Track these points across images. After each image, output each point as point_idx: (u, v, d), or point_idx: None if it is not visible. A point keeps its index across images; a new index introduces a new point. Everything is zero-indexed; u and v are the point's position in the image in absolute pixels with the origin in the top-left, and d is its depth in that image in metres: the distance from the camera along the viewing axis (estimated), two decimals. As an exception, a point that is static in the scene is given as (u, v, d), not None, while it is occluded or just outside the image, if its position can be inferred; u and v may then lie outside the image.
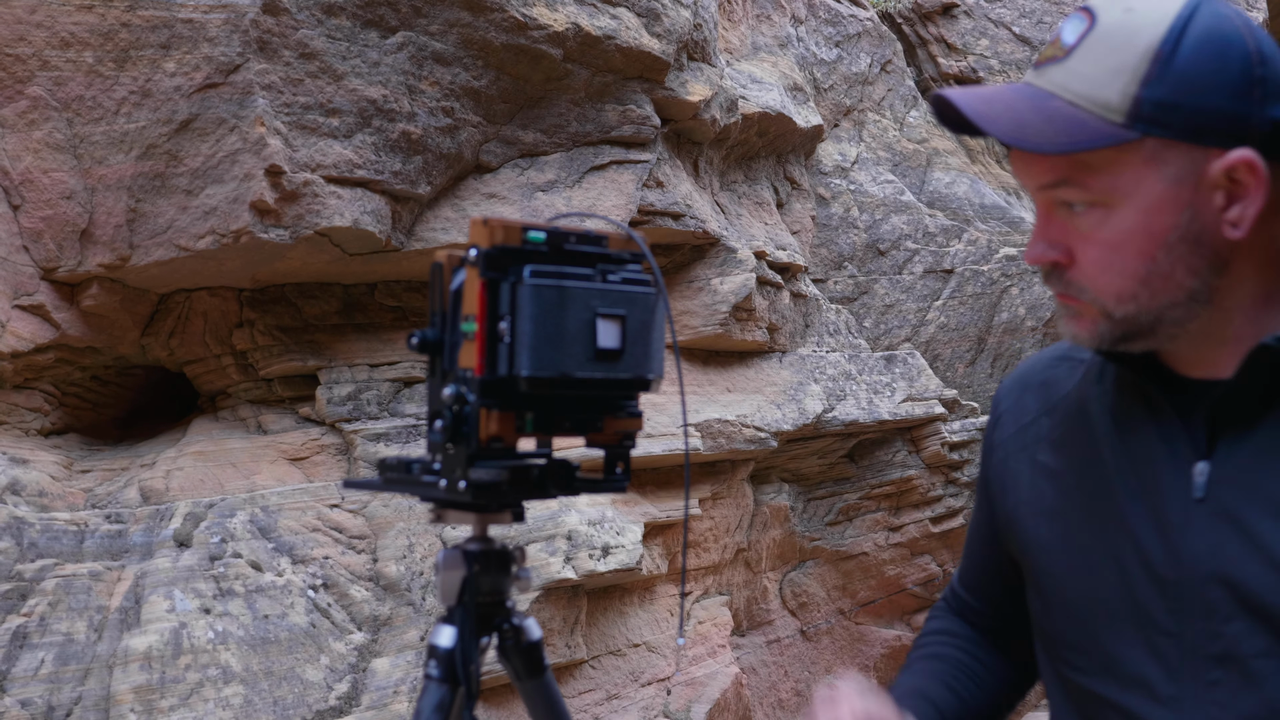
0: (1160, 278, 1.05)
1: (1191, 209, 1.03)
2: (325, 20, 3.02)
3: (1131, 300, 1.07)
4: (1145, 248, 1.05)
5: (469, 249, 1.14)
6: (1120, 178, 1.04)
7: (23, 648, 2.66)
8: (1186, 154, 1.02)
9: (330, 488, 3.25)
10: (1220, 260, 1.05)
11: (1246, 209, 1.02)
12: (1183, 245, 1.04)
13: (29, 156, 2.97)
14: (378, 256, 3.32)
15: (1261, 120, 1.01)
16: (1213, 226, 1.04)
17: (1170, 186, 1.03)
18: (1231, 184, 1.02)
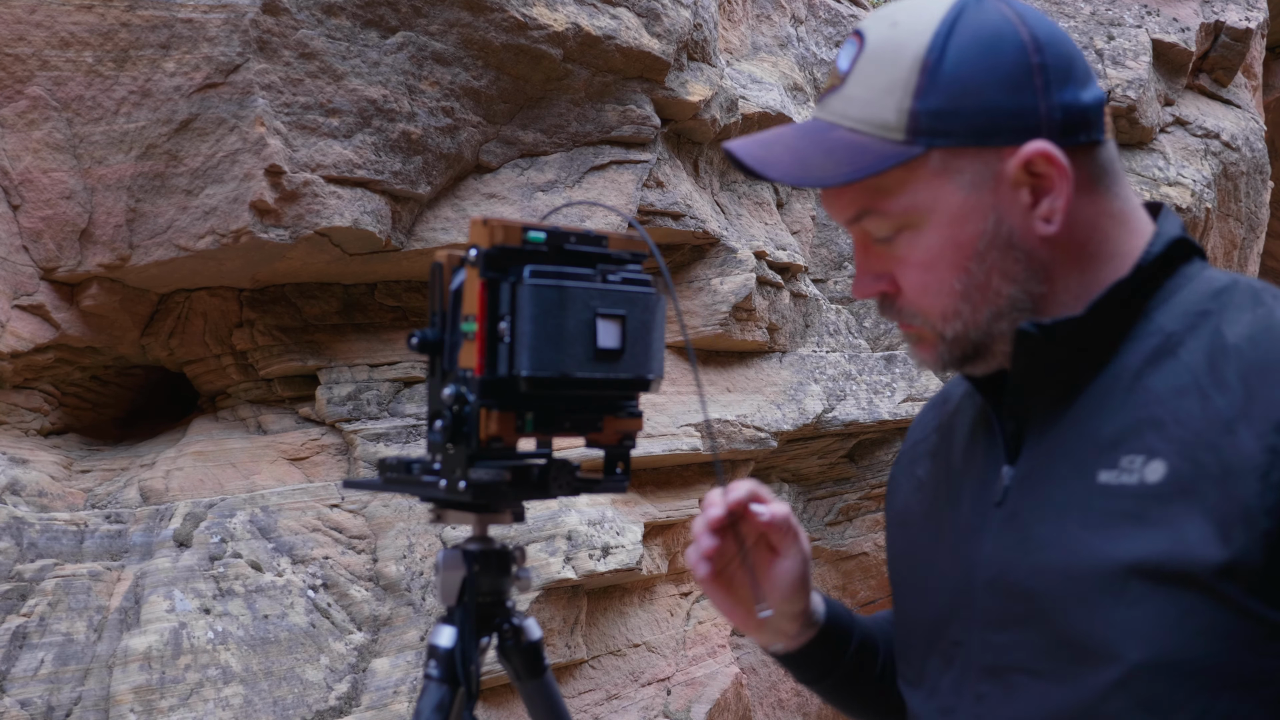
0: (978, 290, 1.01)
1: (996, 212, 0.99)
2: (325, 20, 3.02)
3: (956, 317, 1.02)
4: (957, 261, 1.01)
5: (469, 249, 1.14)
6: (916, 196, 1.00)
7: (22, 648, 2.66)
8: (977, 158, 0.98)
9: (330, 488, 3.25)
10: (1038, 262, 1.00)
11: (1055, 201, 0.98)
12: (994, 252, 1.00)
13: (29, 156, 2.97)
14: (378, 256, 3.32)
15: (1051, 108, 0.97)
16: (1023, 227, 1.00)
17: (969, 194, 0.99)
18: (1034, 179, 0.98)
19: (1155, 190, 5.80)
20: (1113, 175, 1.02)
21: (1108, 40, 5.85)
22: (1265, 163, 6.74)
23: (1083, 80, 0.99)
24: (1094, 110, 0.99)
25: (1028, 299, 1.01)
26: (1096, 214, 1.01)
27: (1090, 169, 1.00)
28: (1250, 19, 6.50)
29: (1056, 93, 0.97)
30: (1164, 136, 6.10)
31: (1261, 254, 7.30)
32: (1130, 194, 1.04)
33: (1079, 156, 0.99)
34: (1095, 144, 1.00)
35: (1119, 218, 1.02)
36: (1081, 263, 1.01)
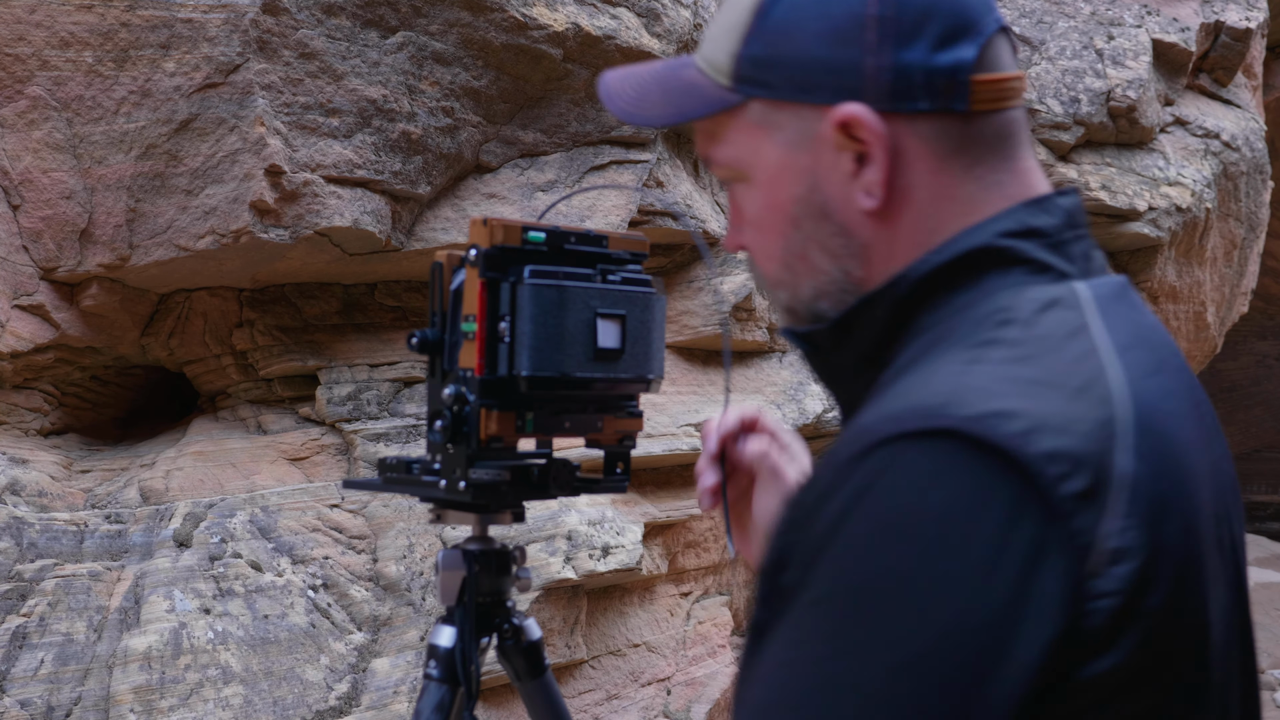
0: (798, 259, 0.91)
1: (812, 177, 0.88)
2: (325, 20, 3.02)
3: (781, 286, 0.94)
4: (777, 224, 0.91)
5: (469, 249, 1.14)
6: (741, 148, 0.91)
7: (22, 648, 2.66)
8: (798, 115, 0.88)
9: (330, 488, 3.25)
10: (856, 240, 0.88)
11: (872, 173, 0.86)
12: (809, 220, 0.89)
13: (29, 156, 2.97)
14: (378, 256, 3.32)
15: (880, 67, 0.85)
16: (842, 197, 0.88)
17: (786, 153, 0.89)
18: (858, 144, 0.86)
19: (1155, 190, 5.80)
20: (979, 154, 0.87)
21: (1108, 40, 5.85)
22: (1265, 163, 6.73)
23: (942, 39, 0.85)
24: (947, 75, 0.85)
25: (847, 280, 0.89)
26: (937, 196, 0.86)
27: (941, 142, 0.86)
28: (1250, 19, 6.50)
29: (893, 50, 0.84)
30: (1164, 136, 6.10)
31: (1262, 254, 7.30)
32: (1006, 179, 0.88)
33: (923, 126, 0.85)
34: (954, 115, 0.86)
35: (969, 204, 0.87)
36: (906, 249, 0.87)
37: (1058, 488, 0.70)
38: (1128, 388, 0.77)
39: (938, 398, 0.75)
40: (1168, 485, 0.75)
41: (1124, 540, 0.72)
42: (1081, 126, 5.55)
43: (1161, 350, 0.86)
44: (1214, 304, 6.65)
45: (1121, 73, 5.75)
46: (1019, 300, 0.81)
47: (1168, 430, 0.78)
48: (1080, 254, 0.87)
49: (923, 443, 0.72)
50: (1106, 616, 0.71)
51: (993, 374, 0.76)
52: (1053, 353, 0.78)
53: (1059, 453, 0.71)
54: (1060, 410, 0.74)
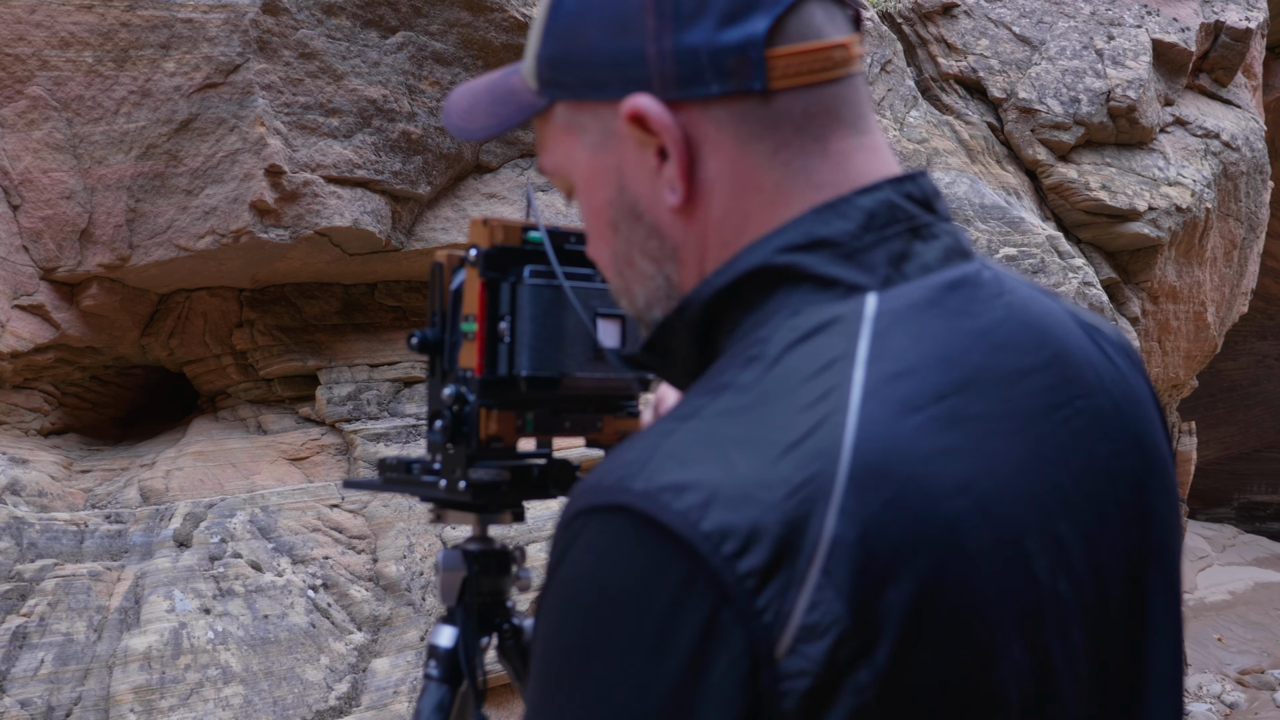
0: (625, 264, 0.86)
1: (619, 177, 0.83)
2: (325, 20, 3.02)
3: (620, 294, 0.89)
4: (600, 230, 0.86)
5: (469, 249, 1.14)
6: (556, 154, 0.87)
7: (22, 648, 2.66)
8: (596, 114, 0.83)
9: (330, 488, 3.25)
10: (669, 241, 0.83)
11: (669, 167, 0.80)
12: (624, 223, 0.84)
13: (29, 156, 2.97)
14: (378, 256, 3.32)
15: (662, 54, 0.78)
16: (649, 195, 0.82)
17: (592, 155, 0.84)
18: (655, 137, 0.80)
19: (1155, 190, 5.80)
20: (785, 137, 0.79)
21: (1108, 40, 5.85)
22: (1265, 163, 6.74)
23: (728, 15, 0.77)
24: (737, 52, 0.77)
25: (669, 285, 0.84)
26: (741, 186, 0.80)
27: (741, 127, 0.79)
28: (1250, 19, 6.50)
29: (675, 34, 0.77)
30: (1164, 136, 6.10)
31: (1261, 254, 7.30)
32: (816, 164, 0.80)
33: (719, 112, 0.78)
34: (749, 94, 0.78)
35: (775, 194, 0.79)
36: (714, 247, 0.81)
37: (731, 565, 0.66)
38: (855, 435, 0.69)
39: (626, 468, 0.70)
40: (899, 543, 0.68)
41: (818, 615, 0.66)
42: (1081, 126, 5.55)
43: (980, 362, 0.76)
44: (1214, 304, 6.65)
45: (1121, 73, 5.75)
46: (779, 330, 0.75)
47: (914, 475, 0.70)
48: (885, 259, 0.78)
49: (605, 518, 0.69)
50: (800, 698, 0.66)
51: (695, 433, 0.71)
52: (779, 400, 0.71)
53: (731, 527, 0.66)
54: (748, 476, 0.68)
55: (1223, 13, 6.43)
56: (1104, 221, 5.63)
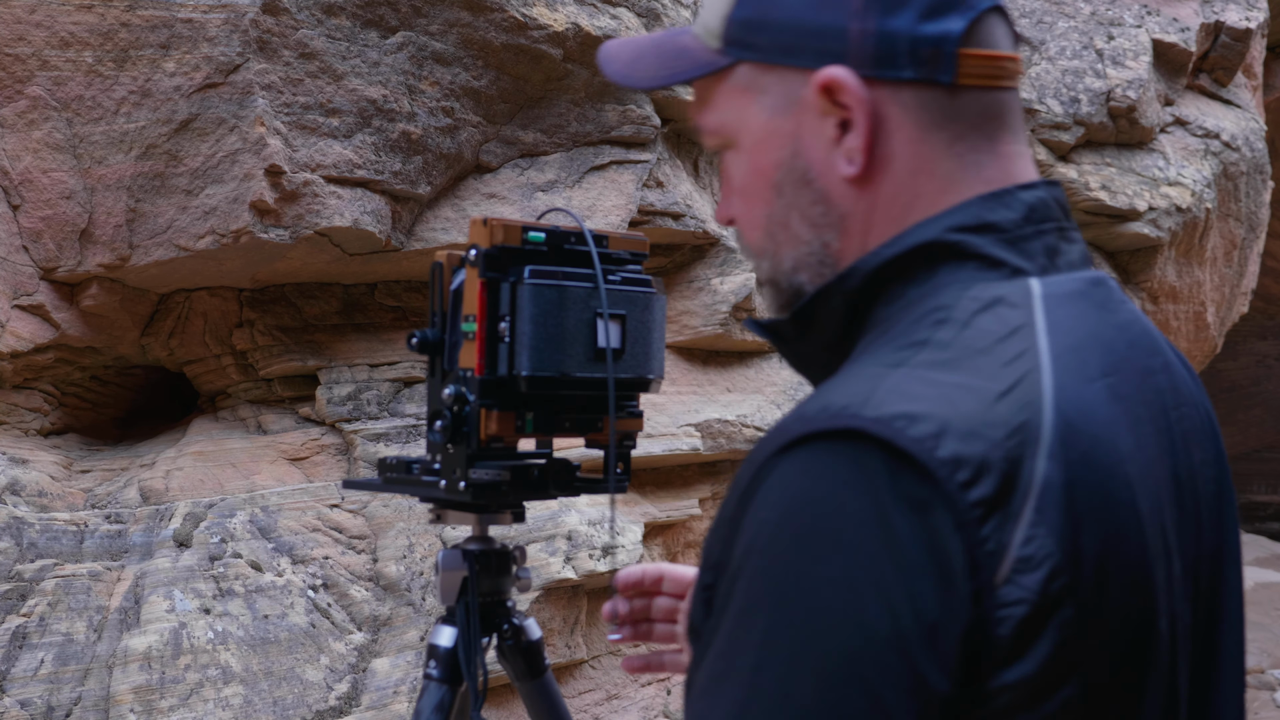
0: (780, 227, 0.90)
1: (795, 142, 0.87)
2: (325, 20, 3.02)
3: (764, 255, 0.92)
4: (761, 191, 0.90)
5: (469, 249, 1.14)
6: (728, 112, 0.91)
7: (22, 648, 2.66)
8: (783, 79, 0.87)
9: (330, 488, 3.25)
10: (835, 210, 0.87)
11: (853, 139, 0.85)
12: (791, 187, 0.88)
13: (29, 156, 2.97)
14: (378, 256, 3.32)
15: (864, 33, 0.83)
16: (823, 163, 0.87)
17: (771, 117, 0.88)
18: (841, 110, 0.85)
19: (1155, 190, 5.80)
20: (961, 131, 0.85)
21: (1108, 40, 5.85)
22: (1265, 163, 6.73)
23: (930, 10, 0.83)
24: (933, 45, 0.83)
25: (825, 252, 0.88)
26: (916, 169, 0.85)
27: (925, 115, 0.85)
28: (1250, 19, 6.50)
29: (879, 16, 0.83)
30: (1164, 136, 6.10)
31: (1261, 254, 7.30)
32: (986, 160, 0.86)
33: (907, 96, 0.84)
34: (940, 87, 0.84)
35: (946, 181, 0.85)
36: (882, 222, 0.86)
37: (964, 493, 0.70)
38: (1054, 392, 0.75)
39: (851, 398, 0.74)
40: (1091, 493, 0.74)
41: (1033, 549, 0.71)
42: (1081, 126, 5.55)
43: (1123, 352, 0.83)
44: (1214, 304, 6.65)
45: (1121, 73, 5.75)
46: (960, 299, 0.81)
47: (1100, 436, 0.76)
48: (1042, 250, 0.85)
49: (832, 443, 0.72)
50: (1015, 625, 0.70)
51: (911, 376, 0.75)
52: (980, 355, 0.77)
53: (964, 458, 0.71)
54: (973, 414, 0.73)
55: (1223, 13, 6.43)
56: (1104, 221, 5.63)
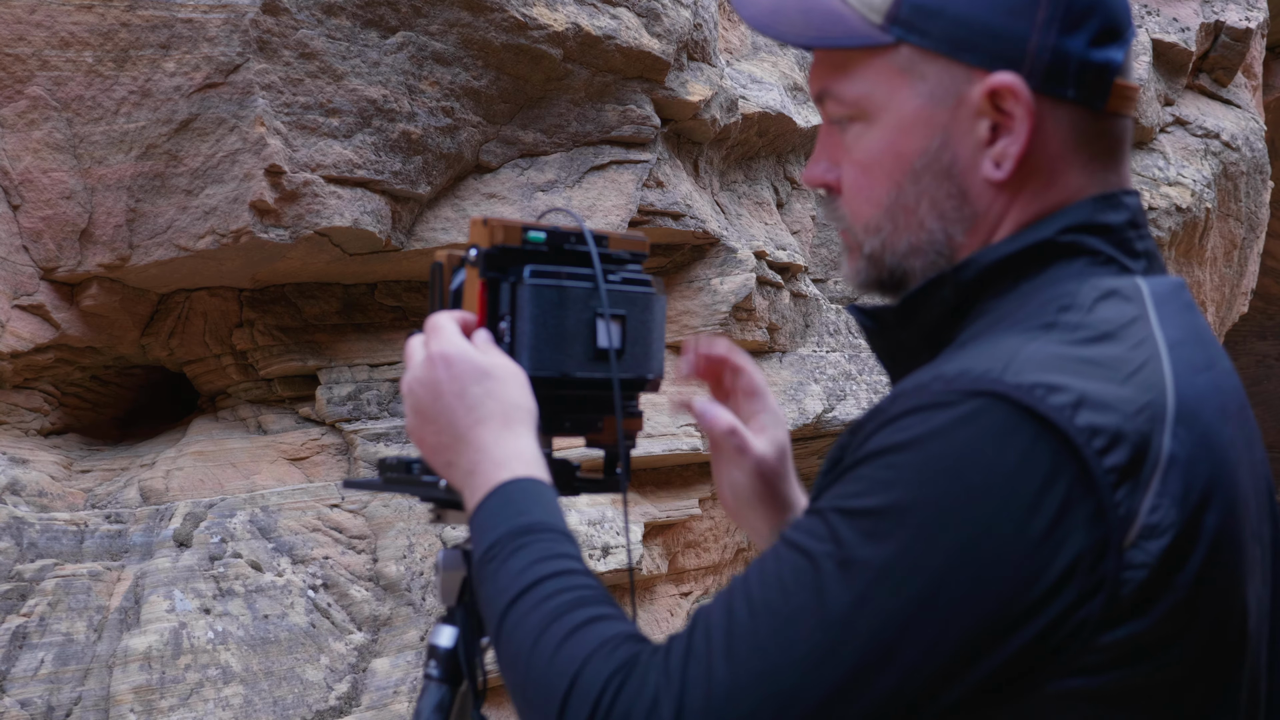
0: (904, 210, 0.91)
1: (945, 134, 0.89)
2: (325, 20, 3.02)
3: (876, 233, 0.94)
4: (893, 172, 0.91)
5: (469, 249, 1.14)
6: (873, 88, 0.91)
7: (22, 648, 2.66)
8: (946, 70, 0.88)
9: (330, 488, 3.25)
10: (970, 207, 0.90)
11: (1010, 145, 0.87)
12: (930, 176, 0.90)
13: (29, 156, 2.97)
14: (378, 256, 3.32)
15: (1042, 47, 0.86)
16: (968, 160, 0.89)
17: (925, 104, 0.89)
18: (999, 114, 0.87)
19: (1155, 190, 5.80)
20: (1097, 152, 0.90)
21: (1108, 40, 5.86)
22: (1265, 163, 6.74)
23: (1100, 37, 0.87)
24: (1097, 71, 0.87)
25: (947, 244, 0.91)
26: (1052, 183, 0.89)
27: (1073, 134, 0.89)
28: (1250, 19, 6.50)
29: (1058, 33, 0.86)
30: (1164, 136, 6.10)
31: (1261, 254, 7.30)
32: (1112, 179, 0.91)
33: (1062, 113, 0.88)
34: (1089, 110, 0.88)
35: (1074, 195, 0.90)
36: (1008, 227, 0.90)
37: (1098, 460, 0.75)
38: (1174, 378, 0.80)
39: (993, 364, 0.79)
40: (1206, 472, 0.79)
41: (1158, 517, 0.76)
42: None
43: (1212, 350, 0.88)
44: (1214, 304, 6.65)
45: (1121, 73, 5.74)
46: (1081, 289, 0.85)
47: (1210, 423, 0.81)
48: (1143, 252, 0.90)
49: (976, 401, 0.77)
50: (1136, 587, 0.75)
51: (1048, 351, 0.80)
52: (1107, 339, 0.81)
53: (1101, 427, 0.76)
54: (1108, 390, 0.77)
55: (1223, 13, 6.43)
56: (1104, 221, 5.62)
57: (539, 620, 0.86)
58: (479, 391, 1.00)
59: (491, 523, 0.95)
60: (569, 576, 0.89)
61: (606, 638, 0.84)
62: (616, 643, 0.83)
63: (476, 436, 0.99)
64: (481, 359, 1.03)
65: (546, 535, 0.93)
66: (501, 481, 0.97)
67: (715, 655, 0.77)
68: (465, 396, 1.00)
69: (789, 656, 0.75)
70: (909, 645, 0.74)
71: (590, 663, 0.82)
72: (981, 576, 0.74)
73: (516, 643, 0.86)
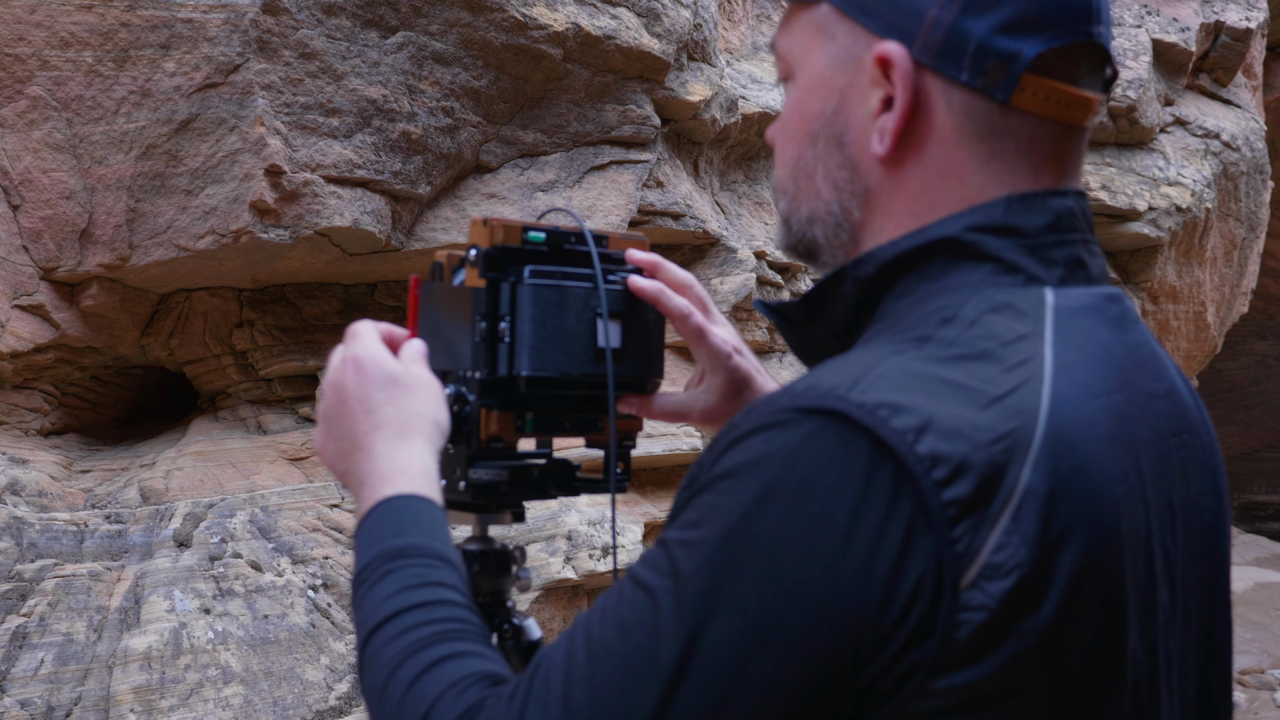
0: (805, 175, 0.89)
1: (841, 99, 0.86)
2: (325, 20, 3.02)
3: (784, 194, 0.92)
4: (798, 133, 0.89)
5: (469, 249, 1.14)
6: (796, 44, 0.90)
7: (22, 648, 2.66)
8: (852, 34, 0.86)
9: (330, 488, 3.25)
10: (861, 181, 0.86)
11: (889, 119, 0.83)
12: (823, 141, 0.88)
13: (29, 156, 2.97)
14: (378, 256, 3.32)
15: (938, 22, 0.82)
16: (859, 132, 0.86)
17: (829, 66, 0.87)
18: (889, 85, 0.83)
19: (1155, 190, 5.80)
20: (1002, 149, 0.84)
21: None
22: (1265, 163, 6.74)
23: (1011, 26, 0.81)
24: (1000, 59, 0.82)
25: (844, 216, 0.87)
26: (946, 171, 0.84)
27: (968, 122, 0.83)
28: (1250, 19, 6.50)
29: (959, 11, 0.82)
30: (1164, 136, 6.10)
31: (1261, 254, 7.30)
32: (1023, 185, 0.84)
33: (956, 97, 0.83)
34: (989, 100, 0.83)
35: (975, 192, 0.84)
36: (900, 213, 0.85)
37: (938, 491, 0.70)
38: (1050, 404, 0.74)
39: (839, 381, 0.74)
40: (1074, 509, 0.73)
41: (1003, 556, 0.70)
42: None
43: (1130, 373, 0.82)
44: (1214, 304, 6.65)
45: (1122, 73, 5.74)
46: (969, 299, 0.80)
47: (1092, 454, 0.75)
48: (1063, 259, 0.83)
49: (816, 418, 0.72)
50: (973, 630, 0.70)
51: (907, 368, 0.75)
52: (981, 358, 0.76)
53: (944, 455, 0.70)
54: (961, 414, 0.72)
55: (1223, 13, 6.43)
56: (1104, 221, 5.63)
57: (395, 654, 0.83)
58: (381, 398, 0.97)
59: (367, 543, 0.91)
60: (433, 608, 0.86)
61: (457, 678, 0.81)
62: (466, 684, 0.80)
63: (370, 444, 0.96)
64: (392, 366, 0.99)
65: (418, 560, 0.89)
66: (383, 498, 0.93)
67: (552, 700, 0.74)
68: (367, 401, 0.97)
69: (624, 701, 0.72)
70: (744, 686, 0.70)
71: (439, 704, 0.79)
72: (820, 612, 0.70)
73: (373, 676, 0.84)
